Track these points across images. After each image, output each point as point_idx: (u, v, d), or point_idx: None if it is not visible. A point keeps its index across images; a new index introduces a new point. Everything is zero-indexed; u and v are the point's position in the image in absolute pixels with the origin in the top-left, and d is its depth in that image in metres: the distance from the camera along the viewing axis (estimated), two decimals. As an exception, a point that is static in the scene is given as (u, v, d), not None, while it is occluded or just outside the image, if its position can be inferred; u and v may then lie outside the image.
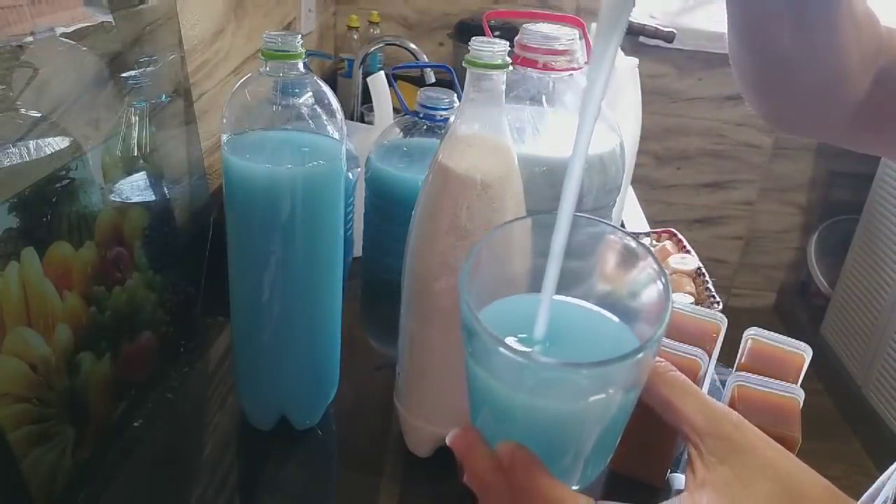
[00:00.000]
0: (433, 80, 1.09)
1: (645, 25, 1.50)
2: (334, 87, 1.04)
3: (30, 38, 0.48)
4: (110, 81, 0.58)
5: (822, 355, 2.17)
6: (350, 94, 1.23)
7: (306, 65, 0.50)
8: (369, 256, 0.77)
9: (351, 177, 0.73)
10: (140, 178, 0.62)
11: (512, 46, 0.50)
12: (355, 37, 1.53)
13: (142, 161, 0.62)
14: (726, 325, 0.57)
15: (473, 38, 0.44)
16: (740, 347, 0.58)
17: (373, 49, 1.20)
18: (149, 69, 0.63)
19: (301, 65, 0.49)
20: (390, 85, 0.89)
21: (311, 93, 0.50)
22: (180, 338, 0.69)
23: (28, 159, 0.47)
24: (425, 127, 0.70)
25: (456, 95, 0.70)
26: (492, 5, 1.85)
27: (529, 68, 0.57)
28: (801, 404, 0.52)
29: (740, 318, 0.64)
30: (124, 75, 0.60)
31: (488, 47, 0.43)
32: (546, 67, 0.57)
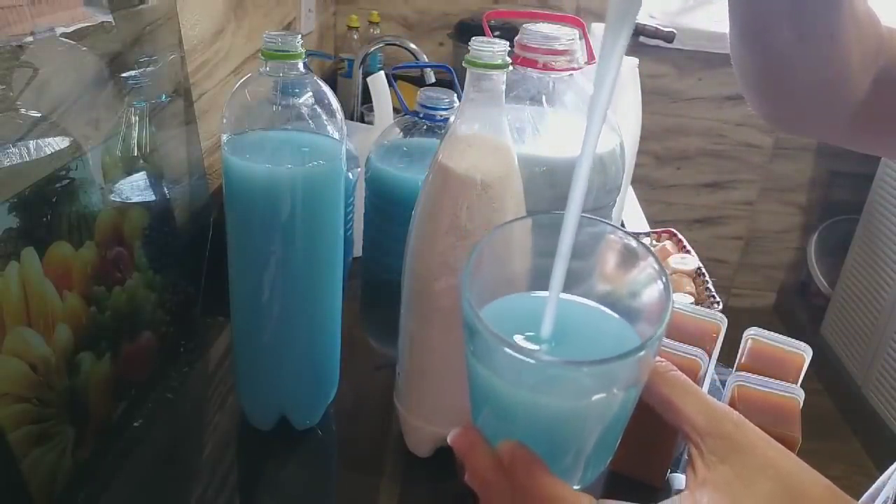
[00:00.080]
0: (433, 80, 1.09)
1: (645, 25, 1.50)
2: (334, 87, 1.04)
3: (30, 38, 0.48)
4: (110, 81, 0.58)
5: (822, 355, 2.17)
6: (350, 94, 1.23)
7: (306, 65, 0.50)
8: (369, 256, 0.77)
9: (351, 177, 0.73)
10: (140, 178, 0.62)
11: (512, 46, 0.50)
12: (355, 37, 1.53)
13: (142, 161, 0.62)
14: (726, 325, 0.57)
15: (473, 38, 0.44)
16: (740, 347, 0.58)
17: (373, 49, 1.20)
18: (149, 69, 0.63)
19: (301, 65, 0.49)
20: (390, 85, 0.89)
21: (311, 93, 0.50)
22: (180, 338, 0.69)
23: (28, 159, 0.47)
24: (425, 127, 0.70)
25: (456, 95, 0.70)
26: (492, 5, 1.86)
27: (529, 68, 0.57)
28: (801, 404, 0.52)
29: (740, 318, 0.64)
30: (124, 75, 0.60)
31: (488, 47, 0.43)
32: (546, 67, 0.57)
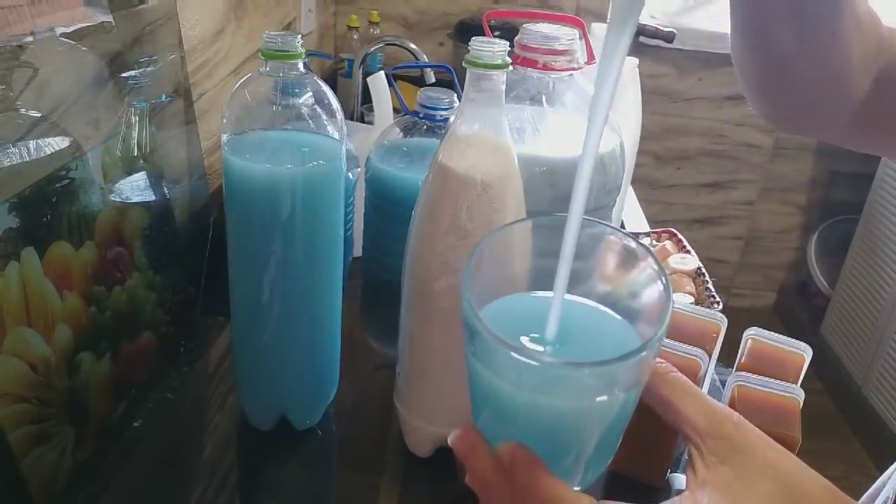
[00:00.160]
0: (433, 80, 1.09)
1: (645, 25, 1.50)
2: (334, 87, 1.04)
3: (30, 38, 0.48)
4: (110, 81, 0.58)
5: (822, 355, 2.17)
6: (350, 94, 1.23)
7: (306, 65, 0.50)
8: (369, 256, 0.77)
9: (351, 177, 0.73)
10: (140, 178, 0.62)
11: (512, 46, 0.50)
12: (355, 37, 1.53)
13: (142, 161, 0.62)
14: (726, 325, 0.57)
15: (473, 38, 0.44)
16: (740, 347, 0.58)
17: (373, 49, 1.20)
18: (149, 69, 0.63)
19: (301, 65, 0.49)
20: (390, 85, 0.89)
21: (311, 93, 0.50)
22: (180, 338, 0.69)
23: (28, 159, 0.47)
24: (425, 127, 0.70)
25: (456, 95, 0.70)
26: (492, 5, 1.85)
27: (529, 68, 0.57)
28: (801, 404, 0.52)
29: (740, 318, 0.64)
30: (124, 75, 0.60)
31: (488, 47, 0.43)
32: (546, 67, 0.57)
